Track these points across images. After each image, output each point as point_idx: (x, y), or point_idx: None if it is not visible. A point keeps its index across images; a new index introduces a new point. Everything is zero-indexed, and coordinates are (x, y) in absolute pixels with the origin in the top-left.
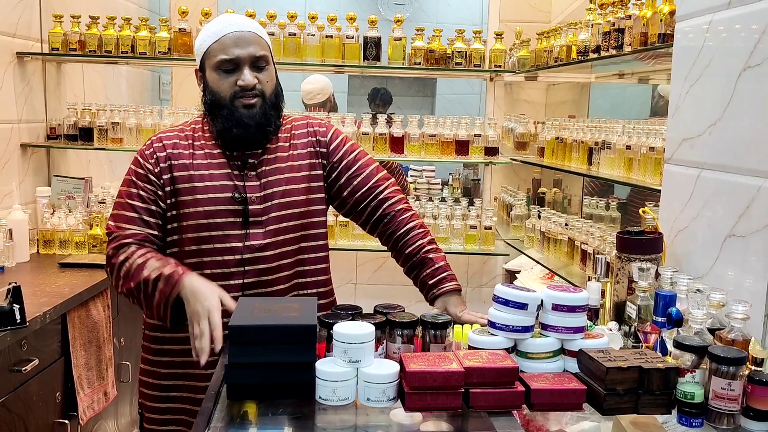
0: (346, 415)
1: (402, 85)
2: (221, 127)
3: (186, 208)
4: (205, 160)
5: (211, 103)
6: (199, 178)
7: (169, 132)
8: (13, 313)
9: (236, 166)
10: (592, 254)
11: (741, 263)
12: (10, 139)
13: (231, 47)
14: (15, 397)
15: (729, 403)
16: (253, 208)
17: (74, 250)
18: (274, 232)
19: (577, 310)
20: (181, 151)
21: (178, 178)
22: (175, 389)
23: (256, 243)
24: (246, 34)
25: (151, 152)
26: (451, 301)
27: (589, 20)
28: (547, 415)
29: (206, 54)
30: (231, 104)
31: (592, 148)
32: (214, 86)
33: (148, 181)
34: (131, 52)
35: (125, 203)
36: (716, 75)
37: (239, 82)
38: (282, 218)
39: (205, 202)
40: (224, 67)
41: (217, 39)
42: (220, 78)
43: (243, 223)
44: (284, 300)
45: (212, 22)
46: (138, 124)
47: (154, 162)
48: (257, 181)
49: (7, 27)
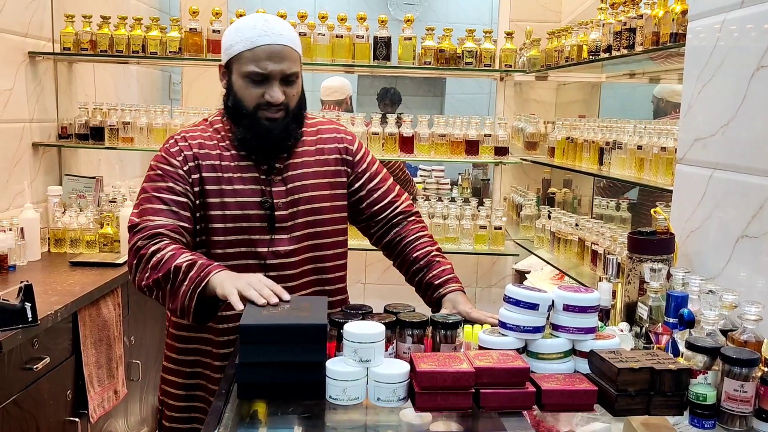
0: (356, 414)
1: (411, 84)
2: (241, 136)
3: (214, 210)
4: (233, 162)
5: (233, 108)
6: (227, 181)
7: (192, 131)
8: (24, 312)
9: (263, 170)
10: (603, 255)
11: (753, 264)
12: (21, 139)
13: (264, 60)
14: (26, 395)
15: (741, 405)
16: (279, 214)
17: (85, 249)
18: (299, 238)
19: (589, 310)
20: (209, 152)
21: (207, 179)
22: (198, 388)
23: (281, 249)
24: (280, 48)
25: (178, 150)
26: (459, 300)
27: (600, 20)
28: (558, 415)
29: (236, 57)
30: (254, 115)
31: (603, 148)
32: (240, 93)
33: (178, 176)
34: (142, 51)
35: (152, 197)
36: (729, 75)
37: (267, 96)
38: (307, 224)
39: (233, 206)
40: (254, 78)
41: (250, 48)
42: (246, 86)
43: (269, 229)
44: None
45: (247, 25)
46: (149, 123)
47: (182, 159)
48: (283, 186)
49: (19, 27)
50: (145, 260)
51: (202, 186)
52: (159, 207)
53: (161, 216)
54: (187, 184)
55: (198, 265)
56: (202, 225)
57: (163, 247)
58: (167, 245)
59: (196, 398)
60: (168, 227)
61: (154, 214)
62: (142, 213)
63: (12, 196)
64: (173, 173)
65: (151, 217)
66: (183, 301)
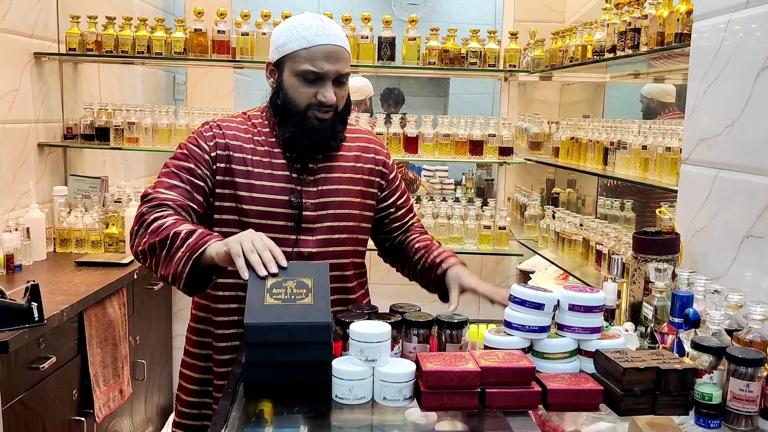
0: (362, 414)
1: (415, 85)
2: (289, 134)
3: (242, 203)
4: (265, 158)
5: (283, 107)
6: (258, 176)
7: (229, 122)
8: (31, 311)
9: (296, 169)
10: (607, 255)
11: (759, 264)
12: (27, 139)
13: (320, 60)
14: (33, 394)
15: (747, 405)
16: (307, 214)
17: (90, 249)
18: (325, 242)
19: (594, 310)
20: (242, 144)
21: (237, 171)
22: (210, 384)
23: (305, 250)
24: (337, 49)
25: (211, 135)
26: (462, 275)
27: (604, 20)
28: (563, 415)
29: (290, 56)
30: (305, 114)
31: (608, 148)
32: (291, 92)
33: (204, 160)
34: (147, 52)
35: (170, 172)
36: (734, 75)
37: (320, 96)
38: (334, 229)
39: (261, 201)
40: (308, 77)
41: (307, 46)
42: (300, 85)
43: (295, 228)
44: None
45: (302, 24)
46: (154, 124)
47: (213, 145)
48: (314, 187)
49: (24, 28)
50: (146, 225)
51: (231, 177)
52: (174, 183)
53: (174, 191)
54: (209, 170)
55: (198, 233)
56: (226, 216)
57: (167, 215)
58: (171, 215)
59: (207, 394)
60: (177, 202)
61: (169, 188)
62: (157, 185)
63: (18, 197)
64: (199, 156)
65: (163, 190)
66: (177, 267)
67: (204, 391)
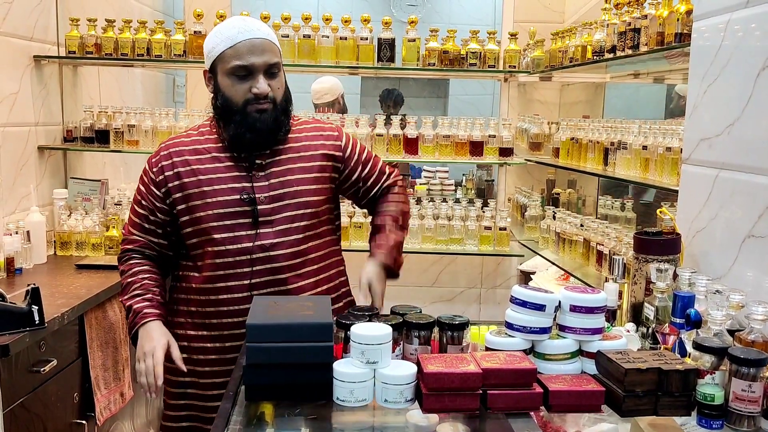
0: (363, 416)
1: (415, 86)
2: (234, 132)
3: (198, 212)
4: (212, 164)
5: (222, 107)
6: (207, 182)
7: (176, 139)
8: (31, 315)
9: (244, 168)
10: (608, 255)
11: (760, 264)
12: (27, 142)
13: (246, 54)
14: (34, 398)
15: (749, 405)
16: (262, 208)
17: (91, 251)
18: (285, 232)
19: (596, 311)
20: (187, 158)
21: (188, 183)
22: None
23: (266, 242)
24: (260, 41)
25: (157, 160)
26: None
27: (604, 20)
28: (565, 416)
29: (219, 58)
30: (244, 110)
31: (608, 148)
32: (227, 91)
33: (149, 191)
34: (147, 54)
35: (132, 208)
36: (734, 74)
37: (253, 89)
38: (293, 218)
39: (215, 205)
40: (238, 73)
41: (231, 45)
42: (233, 84)
43: (253, 224)
44: (298, 299)
45: (225, 26)
46: (153, 126)
47: (158, 170)
48: (266, 181)
49: (24, 31)
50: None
51: (184, 191)
52: (135, 220)
53: (135, 230)
54: (157, 199)
55: (133, 311)
56: (188, 229)
57: (127, 269)
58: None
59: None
60: (137, 243)
61: (132, 226)
62: (127, 222)
63: (18, 200)
64: (146, 187)
65: (129, 229)
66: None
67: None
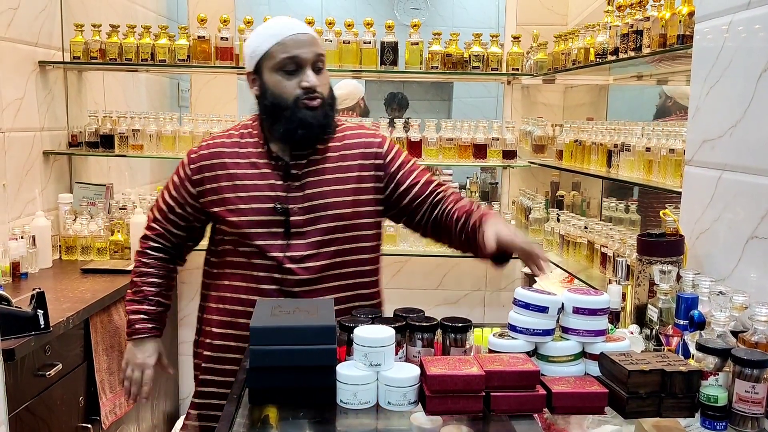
0: (366, 418)
1: (419, 89)
2: (284, 129)
3: (230, 216)
4: (250, 170)
5: (272, 106)
6: (243, 188)
7: (218, 138)
8: (37, 319)
9: (280, 176)
10: (612, 257)
11: (764, 265)
12: (32, 147)
13: (293, 48)
14: (39, 401)
15: (753, 407)
16: (294, 220)
17: (96, 256)
18: (318, 244)
19: (599, 313)
20: (226, 161)
21: (224, 188)
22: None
23: (297, 254)
24: (306, 36)
25: (197, 157)
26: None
27: (606, 22)
28: (569, 418)
29: (265, 56)
30: (295, 106)
31: (612, 150)
32: (276, 88)
33: (183, 185)
34: (151, 59)
35: (162, 194)
36: (736, 76)
37: (303, 83)
38: (326, 230)
39: (247, 212)
40: (287, 68)
41: (278, 41)
42: (282, 79)
43: (285, 234)
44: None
45: (268, 26)
46: (158, 131)
47: (196, 168)
48: (300, 192)
49: (29, 36)
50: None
51: (219, 194)
52: (161, 206)
53: (159, 217)
54: (189, 194)
55: (131, 322)
56: (220, 228)
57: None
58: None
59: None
60: (155, 232)
61: (157, 211)
62: (152, 209)
63: (23, 204)
64: (180, 183)
65: (154, 216)
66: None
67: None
